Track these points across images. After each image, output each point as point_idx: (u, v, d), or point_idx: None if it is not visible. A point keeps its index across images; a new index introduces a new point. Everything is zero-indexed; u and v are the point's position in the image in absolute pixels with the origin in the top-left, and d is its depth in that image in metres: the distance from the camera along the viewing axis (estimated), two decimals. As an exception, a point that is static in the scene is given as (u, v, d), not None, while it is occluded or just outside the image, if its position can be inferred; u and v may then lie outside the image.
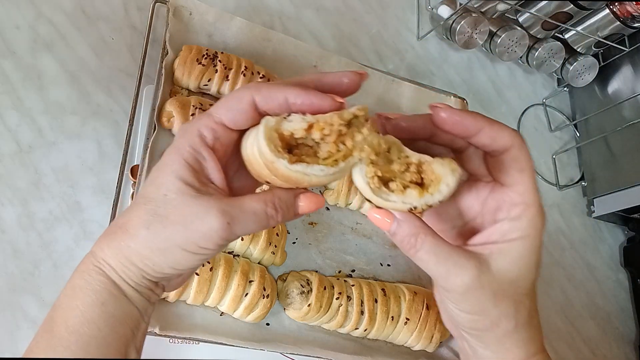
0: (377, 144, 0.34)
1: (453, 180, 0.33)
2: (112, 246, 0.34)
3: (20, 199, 0.62)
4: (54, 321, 0.34)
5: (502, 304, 0.36)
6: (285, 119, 0.32)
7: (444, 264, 0.36)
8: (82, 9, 0.73)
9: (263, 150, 0.31)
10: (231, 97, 0.34)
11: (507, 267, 0.36)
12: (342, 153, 0.33)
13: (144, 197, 0.34)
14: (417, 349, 0.69)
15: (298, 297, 0.64)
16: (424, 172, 0.35)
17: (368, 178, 0.34)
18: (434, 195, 0.34)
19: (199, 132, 0.34)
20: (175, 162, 0.33)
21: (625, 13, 0.93)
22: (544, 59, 1.00)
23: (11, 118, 0.65)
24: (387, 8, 0.99)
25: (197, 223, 0.32)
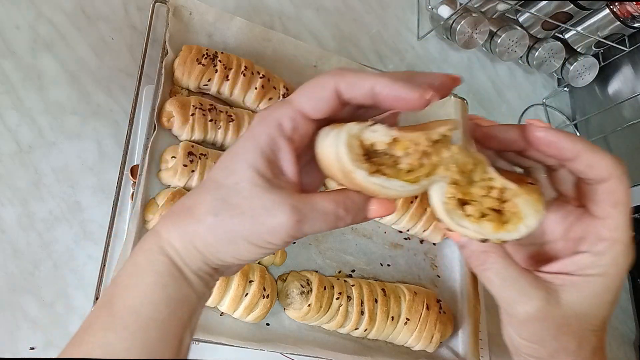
0: (464, 163, 0.32)
1: (535, 222, 0.32)
2: (178, 228, 0.33)
3: (20, 199, 0.62)
4: (113, 298, 0.33)
5: (564, 338, 0.35)
6: (369, 128, 0.31)
7: (509, 288, 0.34)
8: (82, 9, 0.73)
9: (342, 158, 0.30)
10: (313, 85, 0.33)
11: (578, 301, 0.34)
12: (425, 170, 0.31)
13: (214, 181, 0.33)
14: (417, 349, 0.69)
15: (298, 297, 0.64)
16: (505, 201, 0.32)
17: (446, 198, 0.32)
18: (511, 233, 0.32)
19: (278, 121, 0.32)
20: (250, 151, 0.32)
21: (625, 13, 0.93)
22: (544, 59, 1.00)
23: (11, 118, 0.65)
24: (387, 8, 0.99)
25: (266, 217, 0.31)
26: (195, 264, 0.33)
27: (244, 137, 0.33)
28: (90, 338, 0.32)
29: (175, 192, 0.61)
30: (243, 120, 0.68)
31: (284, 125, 0.32)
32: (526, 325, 0.35)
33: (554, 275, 0.35)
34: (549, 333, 0.35)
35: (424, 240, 0.79)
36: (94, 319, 0.33)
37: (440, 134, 0.31)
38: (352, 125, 0.31)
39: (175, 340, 0.33)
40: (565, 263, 0.35)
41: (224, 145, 0.69)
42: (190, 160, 0.63)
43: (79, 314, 0.61)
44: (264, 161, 0.32)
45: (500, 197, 0.32)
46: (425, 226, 0.75)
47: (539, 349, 0.36)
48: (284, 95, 0.72)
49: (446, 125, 0.32)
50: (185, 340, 0.34)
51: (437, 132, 0.31)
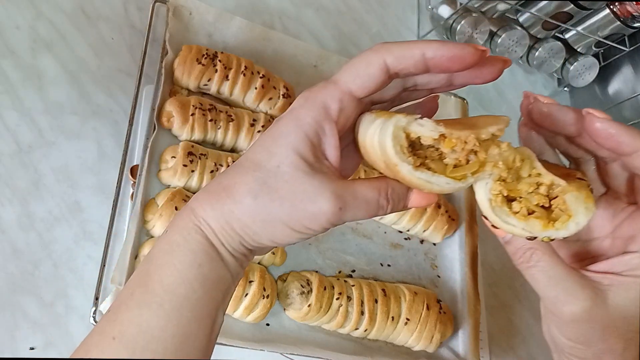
0: (512, 160, 0.31)
1: (585, 220, 0.30)
2: (215, 208, 0.32)
3: (20, 199, 0.62)
4: (149, 275, 0.32)
5: (611, 340, 0.34)
6: (416, 121, 0.30)
7: (555, 288, 0.34)
8: (82, 9, 0.73)
9: (387, 151, 0.30)
10: (358, 62, 0.32)
11: (626, 303, 0.33)
12: (473, 167, 0.30)
13: (253, 162, 0.32)
14: (418, 349, 0.69)
15: (298, 297, 0.64)
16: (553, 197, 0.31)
17: (492, 195, 0.31)
18: (559, 230, 0.31)
19: (325, 103, 0.32)
20: (293, 133, 0.31)
21: (625, 13, 0.93)
22: (544, 59, 1.00)
23: (11, 118, 0.65)
24: (387, 8, 0.99)
25: (307, 203, 0.31)
26: (230, 245, 0.33)
27: (285, 118, 0.32)
28: (125, 315, 0.32)
29: (175, 192, 0.61)
30: (243, 120, 0.68)
31: (330, 108, 0.32)
32: (572, 326, 0.34)
33: (602, 275, 0.34)
34: (595, 334, 0.34)
35: (424, 240, 0.79)
36: (129, 296, 0.32)
37: (490, 133, 0.30)
38: (400, 117, 0.30)
39: (209, 320, 0.33)
40: (614, 262, 0.34)
41: (223, 145, 0.69)
42: (190, 160, 0.63)
43: (79, 314, 0.61)
44: (308, 145, 0.31)
45: (548, 193, 0.31)
46: (425, 226, 0.75)
47: (584, 349, 0.35)
48: (284, 95, 0.72)
49: (497, 124, 0.31)
50: (218, 320, 0.34)
51: (488, 132, 0.30)
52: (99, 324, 0.33)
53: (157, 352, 0.30)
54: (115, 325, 0.31)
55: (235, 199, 0.32)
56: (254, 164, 0.32)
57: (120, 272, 0.56)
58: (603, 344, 0.34)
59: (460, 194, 0.82)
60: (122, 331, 0.31)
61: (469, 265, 0.77)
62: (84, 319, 0.60)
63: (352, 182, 0.33)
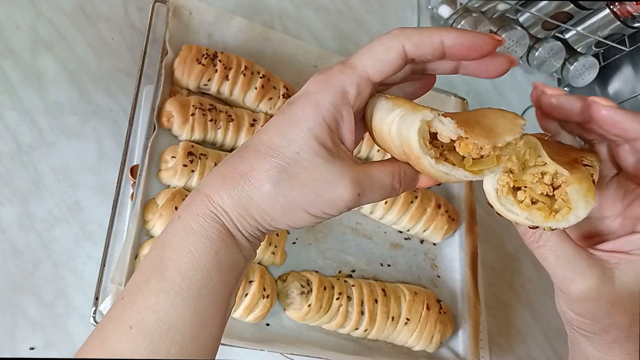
0: (523, 153, 0.32)
1: (584, 213, 0.32)
2: (232, 195, 0.32)
3: (20, 199, 0.62)
4: (164, 262, 0.32)
5: (617, 316, 0.35)
6: (439, 118, 0.31)
7: (564, 266, 0.35)
8: (82, 9, 0.73)
9: (412, 144, 0.31)
10: (377, 46, 0.32)
11: (632, 280, 0.34)
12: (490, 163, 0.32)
13: (270, 147, 0.32)
14: (418, 349, 0.69)
15: (298, 297, 0.64)
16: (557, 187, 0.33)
17: (499, 185, 0.32)
18: (560, 222, 0.32)
19: (343, 88, 0.32)
20: (312, 119, 0.31)
21: (625, 13, 0.93)
22: (544, 59, 1.00)
23: (11, 118, 0.65)
24: (387, 8, 0.99)
25: (327, 190, 0.32)
26: (246, 230, 0.33)
27: (302, 103, 0.32)
28: (142, 303, 0.31)
29: (175, 192, 0.61)
30: (243, 120, 0.68)
31: (349, 93, 0.32)
32: (580, 303, 0.35)
33: (610, 254, 0.35)
34: (602, 310, 0.35)
35: (424, 240, 0.79)
36: (143, 283, 0.32)
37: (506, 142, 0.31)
38: (427, 113, 0.31)
39: (224, 304, 0.33)
40: (622, 242, 0.35)
41: (223, 145, 0.69)
42: (190, 160, 0.63)
43: (79, 314, 0.61)
44: (326, 130, 0.32)
45: (552, 182, 0.33)
46: (425, 226, 0.75)
47: (592, 324, 0.36)
48: (284, 95, 0.72)
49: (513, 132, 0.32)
50: (231, 303, 0.34)
51: (504, 141, 0.31)
52: (113, 312, 0.32)
53: (175, 340, 0.31)
54: (132, 313, 0.31)
55: (254, 185, 0.32)
56: (271, 150, 0.32)
57: (120, 272, 0.56)
58: (610, 319, 0.35)
59: (460, 194, 0.82)
60: (140, 319, 0.31)
61: (469, 265, 0.77)
62: (84, 319, 0.60)
63: (367, 166, 0.33)
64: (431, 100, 0.86)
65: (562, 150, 0.34)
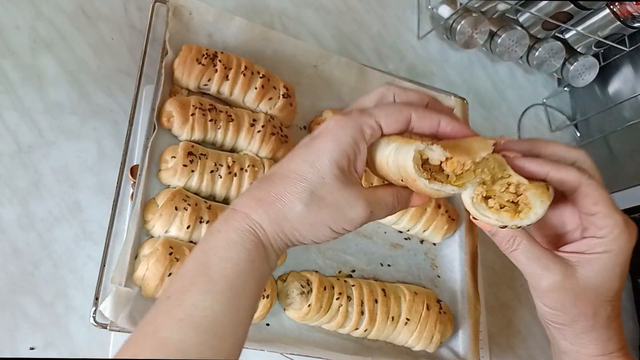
0: (493, 167, 0.40)
1: (541, 211, 0.40)
2: (269, 213, 0.39)
3: (20, 199, 0.62)
4: (209, 267, 0.38)
5: (582, 306, 0.42)
6: (428, 146, 0.39)
7: (534, 265, 0.43)
8: (82, 9, 0.73)
9: (408, 170, 0.39)
10: (393, 107, 0.41)
11: (591, 275, 0.42)
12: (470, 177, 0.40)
13: (298, 174, 0.39)
14: (418, 349, 0.69)
15: (298, 297, 0.64)
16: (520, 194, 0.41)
17: (474, 194, 0.40)
18: (523, 220, 0.40)
19: (362, 128, 0.40)
20: (335, 150, 0.39)
21: (625, 13, 0.93)
22: (544, 59, 1.00)
23: (11, 118, 0.65)
24: (387, 8, 0.99)
25: (348, 210, 0.40)
26: (277, 244, 0.40)
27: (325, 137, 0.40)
28: (191, 300, 0.36)
29: (175, 192, 0.61)
30: (243, 120, 0.68)
31: (366, 132, 0.40)
32: (548, 295, 0.43)
33: (570, 254, 0.42)
34: (569, 300, 0.42)
35: (424, 240, 0.79)
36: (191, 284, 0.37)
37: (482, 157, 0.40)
38: (419, 144, 0.39)
39: (254, 307, 0.40)
40: (578, 245, 0.43)
41: (224, 145, 0.69)
42: (190, 160, 0.63)
43: (79, 314, 0.61)
44: (346, 160, 0.39)
45: (516, 191, 0.40)
46: (425, 226, 0.75)
47: (561, 315, 0.44)
48: (284, 95, 0.72)
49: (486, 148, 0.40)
50: (256, 306, 0.41)
51: (480, 156, 0.40)
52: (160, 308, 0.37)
53: (217, 334, 0.36)
54: (181, 309, 0.36)
55: (288, 206, 0.39)
56: (299, 176, 0.39)
57: (120, 272, 0.56)
58: (576, 309, 0.43)
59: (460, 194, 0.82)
60: (189, 314, 0.36)
61: (469, 265, 0.77)
62: (84, 319, 0.60)
63: (374, 190, 0.42)
64: (431, 100, 0.86)
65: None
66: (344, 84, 0.81)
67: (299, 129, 0.77)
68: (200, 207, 0.62)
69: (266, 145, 0.68)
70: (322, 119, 0.77)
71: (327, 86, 0.80)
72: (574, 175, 0.42)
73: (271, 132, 0.69)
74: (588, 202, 0.42)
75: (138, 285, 0.58)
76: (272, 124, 0.69)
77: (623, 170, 0.96)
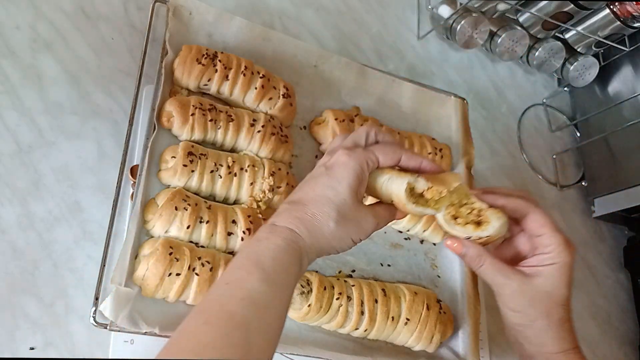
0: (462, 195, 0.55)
1: (497, 224, 0.54)
2: (310, 229, 0.49)
3: (20, 199, 0.62)
4: (262, 263, 0.46)
5: (538, 307, 0.54)
6: (416, 179, 0.53)
7: (498, 275, 0.55)
8: (82, 9, 0.73)
9: (400, 197, 0.52)
10: (389, 148, 0.54)
11: (543, 282, 0.54)
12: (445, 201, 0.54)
13: (326, 197, 0.50)
14: (418, 349, 0.69)
15: (298, 297, 0.64)
16: (481, 215, 0.54)
17: (446, 214, 0.54)
18: (484, 231, 0.54)
19: (366, 160, 0.52)
20: (351, 177, 0.51)
21: (626, 13, 0.93)
22: (544, 59, 1.00)
23: (11, 118, 0.65)
24: (387, 8, 0.99)
25: (364, 223, 0.52)
26: (313, 253, 0.50)
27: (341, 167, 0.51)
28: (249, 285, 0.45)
29: (175, 192, 0.61)
30: (243, 120, 0.68)
31: (369, 163, 0.52)
32: (511, 299, 0.55)
33: (526, 268, 0.55)
34: (527, 303, 0.54)
35: (424, 240, 0.79)
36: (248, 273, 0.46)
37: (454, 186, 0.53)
38: (410, 178, 0.53)
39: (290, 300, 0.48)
40: (531, 260, 0.56)
41: (224, 145, 0.69)
42: (190, 160, 0.63)
43: (79, 314, 0.61)
44: (357, 184, 0.51)
45: (478, 213, 0.55)
46: (425, 226, 0.75)
47: (522, 316, 0.55)
48: (284, 95, 0.72)
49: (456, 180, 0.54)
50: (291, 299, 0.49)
51: (452, 186, 0.54)
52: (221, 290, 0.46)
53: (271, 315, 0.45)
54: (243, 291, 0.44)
55: (323, 223, 0.50)
56: (328, 199, 0.50)
57: (120, 272, 0.56)
58: (533, 309, 0.54)
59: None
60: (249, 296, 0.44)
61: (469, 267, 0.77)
62: (84, 319, 0.60)
63: (375, 206, 0.55)
64: (432, 101, 0.86)
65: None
66: (344, 84, 0.81)
67: (299, 129, 0.77)
68: (200, 207, 0.62)
69: (266, 145, 0.68)
70: (322, 119, 0.77)
71: (327, 86, 0.80)
72: (524, 204, 0.56)
73: (271, 132, 0.69)
74: (536, 226, 0.55)
75: (138, 285, 0.58)
76: (272, 124, 0.69)
77: (623, 170, 0.96)
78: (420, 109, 0.85)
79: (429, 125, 0.86)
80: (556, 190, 1.03)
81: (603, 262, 1.01)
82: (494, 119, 1.02)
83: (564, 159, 1.06)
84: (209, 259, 0.59)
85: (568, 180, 1.05)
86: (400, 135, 0.79)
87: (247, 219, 0.63)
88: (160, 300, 0.59)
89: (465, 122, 0.87)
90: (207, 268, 0.59)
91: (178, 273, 0.57)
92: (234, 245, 0.63)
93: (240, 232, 0.63)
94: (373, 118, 0.79)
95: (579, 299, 0.95)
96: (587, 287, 0.97)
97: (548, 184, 1.02)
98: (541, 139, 1.06)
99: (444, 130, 0.86)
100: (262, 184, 0.66)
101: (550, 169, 1.04)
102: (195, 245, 0.61)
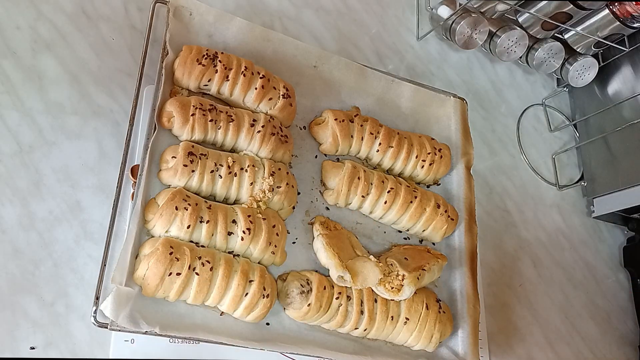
0: (385, 267, 0.69)
1: (409, 292, 0.67)
2: None
3: (20, 199, 0.63)
4: None
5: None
6: (345, 274, 0.66)
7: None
8: (83, 10, 0.73)
9: (332, 275, 0.66)
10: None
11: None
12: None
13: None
14: (417, 348, 0.70)
15: (298, 296, 0.64)
16: (403, 279, 0.68)
17: (376, 284, 0.67)
18: (400, 296, 0.67)
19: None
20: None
21: (625, 13, 0.93)
22: (543, 59, 1.01)
23: (12, 118, 0.65)
24: (387, 8, 0.99)
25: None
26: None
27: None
28: None
29: (176, 192, 0.61)
30: (243, 121, 0.68)
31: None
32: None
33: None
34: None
35: (423, 239, 0.79)
36: None
37: (371, 284, 0.68)
38: (340, 271, 0.66)
39: None
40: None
41: (224, 145, 0.69)
42: (190, 160, 0.63)
43: (80, 314, 0.61)
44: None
45: (402, 278, 0.67)
46: (424, 226, 0.76)
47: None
48: (283, 96, 0.72)
49: (377, 274, 0.68)
50: None
51: (368, 284, 0.67)
52: None
53: None
54: None
55: None
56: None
57: (120, 272, 0.57)
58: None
59: (459, 194, 0.82)
60: None
61: (468, 265, 0.77)
62: (85, 318, 0.60)
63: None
64: (431, 101, 0.86)
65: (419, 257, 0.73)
66: (344, 84, 0.81)
67: (299, 129, 0.77)
68: (201, 207, 0.62)
69: (266, 145, 0.68)
70: (321, 119, 0.78)
71: (327, 86, 0.80)
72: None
73: (271, 132, 0.69)
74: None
75: (138, 284, 0.58)
76: (272, 124, 0.69)
77: (622, 170, 0.96)
78: (419, 109, 0.86)
79: (428, 125, 0.86)
80: (555, 190, 1.03)
81: (602, 262, 1.02)
82: (493, 119, 1.02)
83: (563, 159, 1.07)
84: (209, 259, 0.60)
85: (567, 180, 1.05)
86: (400, 135, 0.79)
87: (247, 219, 0.63)
88: (161, 300, 0.59)
89: (465, 122, 0.87)
90: (207, 267, 0.59)
91: (178, 272, 0.58)
92: (233, 245, 0.63)
93: (240, 232, 0.63)
94: (373, 118, 0.79)
95: (578, 298, 0.95)
96: (586, 286, 0.97)
97: (547, 183, 1.02)
98: (540, 139, 1.06)
99: (444, 130, 0.86)
100: (262, 183, 0.66)
101: (549, 168, 1.04)
102: (195, 245, 0.61)
